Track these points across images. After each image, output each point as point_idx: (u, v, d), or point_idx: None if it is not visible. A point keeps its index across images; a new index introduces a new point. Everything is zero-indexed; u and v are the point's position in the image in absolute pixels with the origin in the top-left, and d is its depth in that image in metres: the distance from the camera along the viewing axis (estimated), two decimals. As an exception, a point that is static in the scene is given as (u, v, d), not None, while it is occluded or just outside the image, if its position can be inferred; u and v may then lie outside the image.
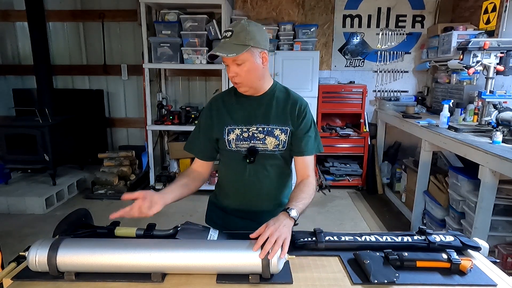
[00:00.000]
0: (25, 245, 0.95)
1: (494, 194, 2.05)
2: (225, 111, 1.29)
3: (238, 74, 1.18)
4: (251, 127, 1.25)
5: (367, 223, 3.19)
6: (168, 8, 3.61)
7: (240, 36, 1.13)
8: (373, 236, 1.07)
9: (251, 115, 1.26)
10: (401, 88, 4.08)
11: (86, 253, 0.90)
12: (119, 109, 4.41)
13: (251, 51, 1.14)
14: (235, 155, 1.27)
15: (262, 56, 1.19)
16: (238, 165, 1.28)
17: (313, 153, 1.28)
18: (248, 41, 1.13)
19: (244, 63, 1.16)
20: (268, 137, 1.24)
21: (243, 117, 1.27)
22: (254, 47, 1.14)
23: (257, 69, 1.19)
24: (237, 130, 1.26)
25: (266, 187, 1.30)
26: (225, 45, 1.14)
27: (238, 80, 1.20)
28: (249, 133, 1.25)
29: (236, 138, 1.26)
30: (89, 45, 4.24)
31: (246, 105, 1.28)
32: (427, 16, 3.92)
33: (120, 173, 3.80)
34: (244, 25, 1.15)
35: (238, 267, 0.89)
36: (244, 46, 1.12)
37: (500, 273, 0.95)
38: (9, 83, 4.35)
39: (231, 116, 1.28)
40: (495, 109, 2.35)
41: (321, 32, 4.00)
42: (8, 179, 3.67)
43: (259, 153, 1.25)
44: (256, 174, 1.28)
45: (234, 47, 1.12)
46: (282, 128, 1.25)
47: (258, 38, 1.15)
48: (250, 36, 1.13)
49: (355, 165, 4.01)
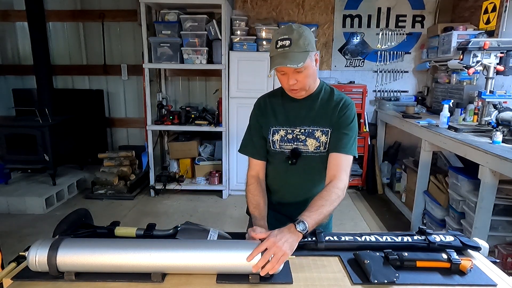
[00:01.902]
0: (25, 245, 0.95)
1: (494, 194, 2.05)
2: (271, 111, 1.30)
3: (298, 80, 1.17)
4: (295, 128, 1.26)
5: (367, 223, 3.19)
6: (168, 8, 3.60)
7: (299, 43, 1.11)
8: (373, 236, 1.07)
9: (295, 116, 1.27)
10: (401, 88, 4.08)
11: (86, 253, 0.90)
12: (119, 109, 4.41)
13: (310, 56, 1.14)
14: (279, 155, 1.29)
15: (315, 58, 1.19)
16: (281, 165, 1.29)
17: (350, 153, 1.21)
18: (307, 46, 1.12)
19: (306, 69, 1.15)
20: (309, 139, 1.25)
21: (288, 118, 1.27)
22: (311, 51, 1.14)
23: (314, 72, 1.19)
24: (282, 131, 1.27)
25: (308, 188, 1.30)
26: (288, 55, 1.11)
27: (298, 86, 1.19)
28: (293, 135, 1.26)
29: (281, 139, 1.27)
30: (89, 45, 4.25)
31: (291, 107, 1.28)
32: (427, 16, 3.92)
33: (120, 173, 3.80)
34: (299, 30, 1.13)
35: (238, 267, 0.89)
36: (305, 52, 1.11)
37: (500, 273, 0.95)
38: (9, 83, 4.35)
39: (276, 117, 1.29)
40: (495, 109, 2.35)
41: (321, 32, 4.00)
42: (8, 179, 3.68)
43: (302, 155, 1.25)
44: (299, 175, 1.28)
45: (298, 56, 1.10)
46: (323, 130, 1.24)
47: (312, 42, 1.15)
48: (307, 41, 1.12)
49: (355, 165, 4.01)
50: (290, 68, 1.12)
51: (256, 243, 0.94)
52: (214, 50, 3.57)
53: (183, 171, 3.94)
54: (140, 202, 3.63)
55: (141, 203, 3.62)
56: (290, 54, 1.11)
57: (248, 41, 3.56)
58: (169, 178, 3.80)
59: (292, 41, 1.11)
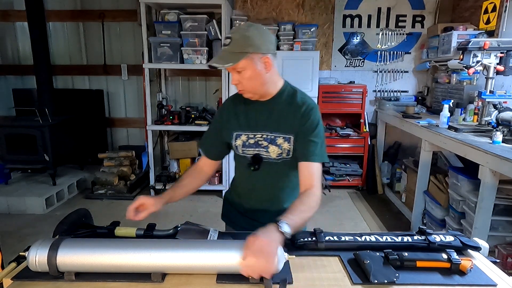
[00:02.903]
0: (25, 245, 0.95)
1: (494, 194, 2.05)
2: (233, 115, 1.27)
3: (240, 81, 1.15)
4: (257, 133, 1.23)
5: (367, 223, 3.19)
6: (168, 8, 3.61)
7: (238, 43, 1.09)
8: (373, 236, 1.07)
9: (256, 120, 1.23)
10: (401, 88, 4.08)
11: (86, 253, 0.90)
12: (119, 109, 4.41)
13: (251, 57, 1.10)
14: (242, 160, 1.27)
15: (264, 61, 1.13)
16: (245, 170, 1.27)
17: (319, 160, 1.17)
18: (246, 47, 1.08)
19: (245, 71, 1.12)
20: (271, 146, 1.20)
21: (250, 123, 1.24)
22: (254, 53, 1.10)
23: (259, 75, 1.14)
24: (244, 136, 1.24)
25: (273, 194, 1.28)
26: (223, 54, 1.11)
27: (240, 88, 1.18)
28: (255, 140, 1.22)
29: (243, 144, 1.24)
30: (89, 45, 4.24)
31: (252, 111, 1.25)
32: (427, 16, 3.92)
33: (120, 173, 3.80)
34: (243, 30, 1.11)
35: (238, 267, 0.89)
36: (242, 53, 1.08)
37: (500, 273, 0.95)
38: (9, 83, 4.35)
39: (238, 121, 1.26)
40: (495, 109, 2.35)
41: (321, 32, 4.00)
42: (8, 179, 3.68)
43: (263, 161, 1.22)
44: (263, 181, 1.26)
45: (232, 56, 1.08)
46: (285, 136, 1.20)
47: (258, 43, 1.10)
48: (249, 42, 1.09)
49: (355, 165, 4.01)
50: (229, 68, 1.11)
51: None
52: (214, 50, 3.57)
53: (183, 171, 3.94)
54: (140, 202, 3.63)
55: (141, 203, 3.61)
56: (225, 53, 1.10)
57: (248, 41, 3.56)
58: (169, 178, 3.80)
59: (232, 40, 1.09)
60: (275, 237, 0.90)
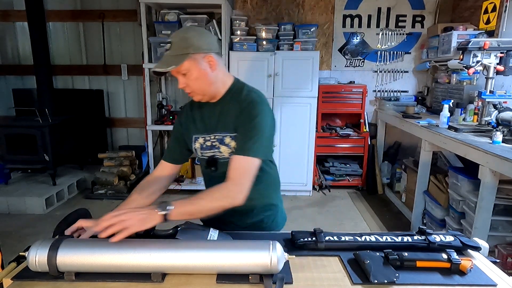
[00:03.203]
0: (25, 245, 0.95)
1: (494, 194, 2.05)
2: (191, 119, 1.28)
3: (187, 84, 1.14)
4: (211, 135, 1.22)
5: (367, 223, 3.19)
6: (168, 8, 3.61)
7: (178, 45, 1.08)
8: (373, 236, 1.07)
9: (209, 122, 1.23)
10: (401, 88, 4.09)
11: (86, 253, 0.90)
12: (119, 109, 4.41)
13: (193, 58, 1.09)
14: (202, 162, 1.28)
15: (208, 60, 1.13)
16: (206, 172, 1.29)
17: (249, 154, 1.10)
18: (187, 49, 1.08)
19: (190, 72, 1.11)
20: (222, 146, 1.20)
21: (204, 125, 1.24)
22: (196, 53, 1.09)
23: (205, 75, 1.13)
24: (201, 139, 1.24)
25: None
26: (164, 58, 1.10)
27: (188, 90, 1.16)
28: (210, 142, 1.22)
29: (201, 147, 1.24)
30: (89, 45, 4.25)
31: (206, 113, 1.25)
32: (427, 16, 3.92)
33: (120, 173, 3.80)
34: (182, 33, 1.11)
35: (238, 267, 0.89)
36: (183, 55, 1.08)
37: (500, 273, 0.95)
38: (9, 83, 4.35)
39: (195, 125, 1.26)
40: (495, 109, 2.35)
41: (321, 32, 4.00)
42: (8, 179, 3.68)
43: (219, 162, 1.22)
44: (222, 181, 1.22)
45: (174, 59, 1.08)
46: (231, 135, 1.19)
47: (198, 43, 1.10)
48: (188, 43, 1.08)
49: (355, 165, 4.01)
50: (173, 71, 1.10)
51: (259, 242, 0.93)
52: (214, 50, 3.57)
53: (183, 171, 3.94)
54: (140, 202, 3.63)
55: (141, 203, 3.61)
56: (166, 57, 1.09)
57: (248, 41, 3.56)
58: (169, 178, 3.79)
59: (172, 44, 1.09)
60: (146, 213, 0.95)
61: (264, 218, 1.32)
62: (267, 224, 1.32)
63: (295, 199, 3.77)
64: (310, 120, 3.67)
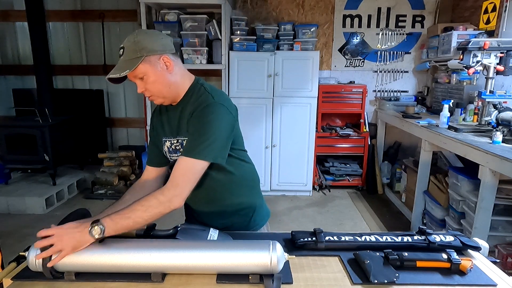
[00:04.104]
0: (25, 245, 0.95)
1: (494, 194, 2.05)
2: (159, 122, 1.26)
3: (146, 88, 1.12)
4: (174, 139, 1.20)
5: (367, 223, 3.19)
6: (168, 8, 3.60)
7: (130, 49, 1.06)
8: (373, 236, 1.07)
9: (171, 126, 1.21)
10: (401, 88, 4.08)
11: (86, 253, 0.90)
12: (119, 109, 4.41)
13: (148, 60, 1.07)
14: (173, 165, 1.24)
15: (163, 61, 1.10)
16: None
17: (191, 155, 1.06)
18: (140, 51, 1.05)
19: (147, 75, 1.09)
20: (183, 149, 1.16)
21: (170, 128, 1.22)
22: (150, 55, 1.07)
23: (162, 76, 1.10)
24: (168, 142, 1.22)
25: (207, 196, 1.25)
26: (119, 64, 1.08)
27: (148, 94, 1.14)
28: (175, 146, 1.20)
29: (168, 150, 1.22)
30: (89, 45, 4.25)
31: (170, 116, 1.22)
32: (427, 16, 3.92)
33: (120, 173, 3.80)
34: (133, 37, 1.08)
35: (238, 267, 0.89)
36: (136, 59, 1.05)
37: (500, 273, 0.95)
38: (9, 83, 4.35)
39: (163, 128, 1.24)
40: (495, 109, 2.35)
41: (321, 32, 4.00)
42: (8, 179, 3.67)
43: None
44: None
45: (127, 63, 1.06)
46: None
47: (150, 45, 1.07)
48: (140, 46, 1.06)
49: (355, 165, 4.01)
50: (130, 76, 1.08)
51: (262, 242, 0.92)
52: (214, 50, 3.57)
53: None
54: (140, 202, 3.63)
55: (141, 203, 3.61)
56: (120, 63, 1.07)
57: (248, 41, 3.56)
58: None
59: (125, 49, 1.07)
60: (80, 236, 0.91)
61: (239, 218, 1.29)
62: (243, 224, 1.30)
63: (295, 199, 3.77)
64: (310, 120, 3.67)
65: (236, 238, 1.10)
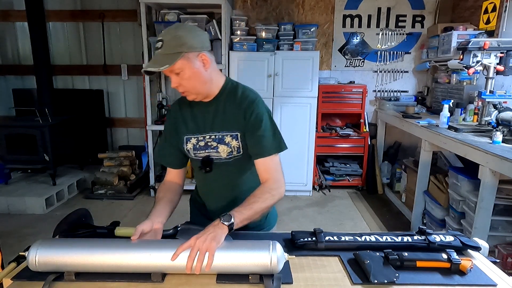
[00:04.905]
0: (25, 245, 0.95)
1: (494, 194, 2.05)
2: (181, 119, 1.24)
3: (180, 83, 1.11)
4: (206, 135, 1.20)
5: (367, 223, 3.19)
6: (168, 8, 3.60)
7: (170, 44, 1.05)
8: (373, 236, 1.07)
9: (204, 122, 1.21)
10: (401, 88, 4.08)
11: (86, 253, 0.90)
12: (119, 109, 4.41)
13: (187, 57, 1.06)
14: (195, 163, 1.25)
15: (201, 59, 1.10)
16: (199, 173, 1.26)
17: (272, 152, 1.16)
18: (179, 47, 1.05)
19: (183, 71, 1.08)
20: (220, 145, 1.18)
21: (198, 124, 1.22)
22: (189, 52, 1.07)
23: (198, 74, 1.11)
24: (193, 139, 1.21)
25: (231, 195, 1.25)
26: (156, 58, 1.07)
27: (182, 90, 1.14)
28: (204, 142, 1.20)
29: (193, 147, 1.22)
30: (89, 45, 4.25)
31: (198, 112, 1.22)
32: (427, 16, 3.92)
33: (120, 173, 3.80)
34: (173, 31, 1.08)
35: (238, 267, 0.89)
36: (176, 54, 1.05)
37: (500, 273, 0.95)
38: (9, 83, 4.35)
39: (186, 125, 1.23)
40: (495, 109, 2.35)
41: (321, 32, 4.00)
42: (8, 179, 3.68)
43: (214, 162, 1.21)
44: (217, 182, 1.24)
45: (166, 58, 1.05)
46: (232, 134, 1.18)
47: (191, 42, 1.07)
48: (181, 42, 1.05)
49: (355, 165, 4.01)
50: (166, 70, 1.06)
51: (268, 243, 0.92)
52: (214, 50, 3.57)
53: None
54: (140, 202, 3.63)
55: (141, 203, 3.62)
56: (158, 56, 1.06)
57: (248, 41, 3.56)
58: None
59: (163, 42, 1.06)
60: (215, 230, 0.95)
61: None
62: (259, 224, 1.31)
63: (295, 199, 3.77)
64: (310, 120, 3.67)
65: (236, 238, 1.10)
